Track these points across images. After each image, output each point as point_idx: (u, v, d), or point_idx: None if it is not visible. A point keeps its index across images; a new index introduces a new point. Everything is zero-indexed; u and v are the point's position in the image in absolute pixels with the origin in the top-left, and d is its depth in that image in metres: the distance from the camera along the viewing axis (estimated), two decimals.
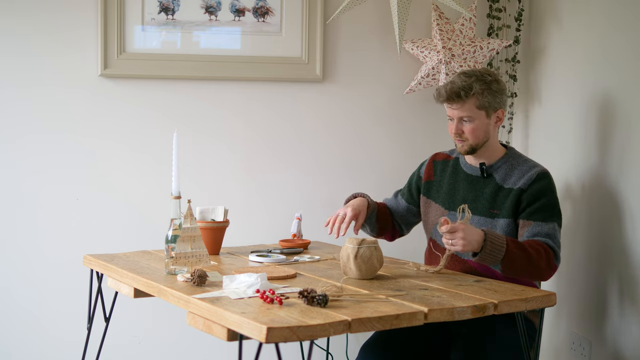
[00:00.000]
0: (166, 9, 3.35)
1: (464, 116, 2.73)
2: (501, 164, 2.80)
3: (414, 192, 3.01)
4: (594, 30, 3.19)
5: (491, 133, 2.78)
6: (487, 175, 2.80)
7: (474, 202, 2.79)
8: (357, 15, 3.58)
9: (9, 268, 3.27)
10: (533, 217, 2.67)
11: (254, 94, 3.50)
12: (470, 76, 2.73)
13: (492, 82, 2.74)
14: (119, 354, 3.38)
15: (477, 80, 2.72)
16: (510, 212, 2.71)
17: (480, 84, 2.72)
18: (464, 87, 2.70)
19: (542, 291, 2.41)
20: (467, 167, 2.86)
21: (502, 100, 2.77)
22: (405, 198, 3.03)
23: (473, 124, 2.73)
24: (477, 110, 2.73)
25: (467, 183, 2.84)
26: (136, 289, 2.52)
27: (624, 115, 3.01)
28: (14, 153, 3.25)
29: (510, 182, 2.75)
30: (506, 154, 2.82)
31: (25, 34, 3.22)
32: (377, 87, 3.64)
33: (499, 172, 2.79)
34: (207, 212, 2.92)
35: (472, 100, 2.72)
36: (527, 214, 2.68)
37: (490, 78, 2.74)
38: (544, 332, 3.40)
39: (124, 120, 3.36)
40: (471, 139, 2.75)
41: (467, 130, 2.74)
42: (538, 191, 2.70)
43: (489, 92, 2.73)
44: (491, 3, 3.64)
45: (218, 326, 2.07)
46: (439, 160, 2.97)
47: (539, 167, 2.76)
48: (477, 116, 2.73)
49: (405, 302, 2.17)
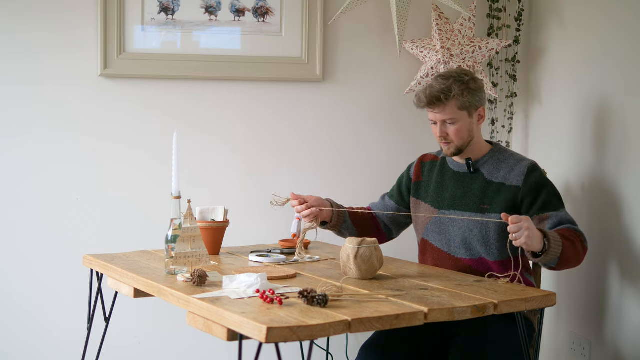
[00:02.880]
0: (166, 9, 3.35)
1: (447, 119, 2.74)
2: (488, 159, 2.81)
3: (404, 193, 3.00)
4: (594, 30, 3.19)
5: (475, 132, 2.78)
6: (474, 171, 2.80)
7: (462, 198, 2.79)
8: (357, 15, 3.58)
9: (8, 268, 3.27)
10: (547, 209, 2.68)
11: (254, 94, 3.50)
12: (447, 78, 2.73)
13: (470, 81, 2.74)
14: (119, 354, 3.38)
15: (455, 81, 2.72)
16: (503, 208, 2.71)
17: (459, 85, 2.72)
18: (443, 90, 2.71)
19: (542, 291, 2.41)
20: (453, 164, 2.87)
21: (481, 98, 2.78)
22: (394, 200, 3.02)
23: (456, 125, 2.74)
24: (459, 112, 2.73)
25: (454, 180, 2.84)
26: (136, 289, 2.52)
27: (623, 115, 3.01)
28: (14, 152, 3.25)
29: (499, 176, 2.75)
30: (492, 149, 2.83)
31: (25, 32, 3.22)
32: (377, 87, 3.64)
33: (486, 166, 2.79)
34: (207, 212, 2.92)
35: (452, 103, 2.72)
36: (539, 208, 2.68)
37: (467, 77, 2.74)
38: (544, 332, 3.40)
39: (124, 120, 3.36)
40: (456, 141, 2.75)
41: (452, 132, 2.74)
42: (536, 184, 2.70)
43: (468, 91, 2.73)
44: (491, 3, 3.64)
45: (218, 326, 2.07)
46: (426, 162, 2.97)
47: (526, 161, 2.77)
48: (460, 117, 2.74)
49: (405, 302, 2.17)
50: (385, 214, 3.00)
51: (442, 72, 2.82)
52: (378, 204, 3.06)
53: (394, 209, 3.01)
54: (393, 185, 3.07)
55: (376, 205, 3.06)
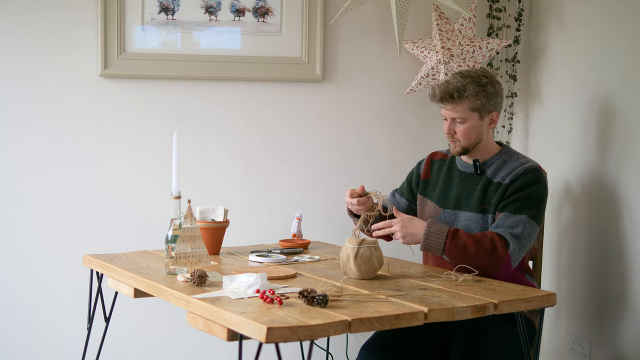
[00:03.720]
0: (166, 9, 3.35)
1: (457, 117, 2.72)
2: (494, 160, 2.80)
3: (414, 189, 3.00)
4: (594, 29, 3.19)
5: (484, 135, 2.76)
6: (480, 172, 2.80)
7: (467, 198, 2.79)
8: (357, 15, 3.58)
9: (8, 268, 3.27)
10: (506, 209, 2.66)
11: (254, 94, 3.50)
12: (465, 77, 2.71)
13: (488, 84, 2.72)
14: (119, 354, 3.38)
15: (472, 81, 2.70)
16: (497, 207, 2.71)
17: (475, 86, 2.70)
18: (457, 88, 2.69)
19: (542, 291, 2.41)
20: (461, 164, 2.86)
21: (496, 103, 2.76)
22: (405, 197, 3.02)
23: (465, 125, 2.73)
24: (470, 112, 2.72)
25: (460, 180, 2.83)
26: (136, 289, 2.52)
27: (624, 115, 3.01)
28: (14, 152, 3.25)
29: (499, 176, 2.74)
30: (500, 151, 2.82)
31: (25, 32, 3.22)
32: (378, 87, 3.64)
33: (491, 168, 2.78)
34: (207, 212, 2.92)
35: (465, 102, 2.70)
36: (502, 206, 2.68)
37: (486, 80, 2.72)
38: (544, 332, 3.40)
39: (124, 120, 3.36)
40: (463, 141, 2.74)
41: (460, 131, 2.73)
42: (520, 185, 2.68)
43: (484, 94, 2.71)
44: (491, 3, 3.64)
45: (218, 326, 2.07)
46: (436, 159, 2.97)
47: (529, 163, 2.74)
48: (470, 118, 2.72)
49: (405, 302, 2.17)
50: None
51: (462, 70, 2.79)
52: (388, 200, 3.05)
53: (405, 205, 3.01)
54: (402, 182, 3.07)
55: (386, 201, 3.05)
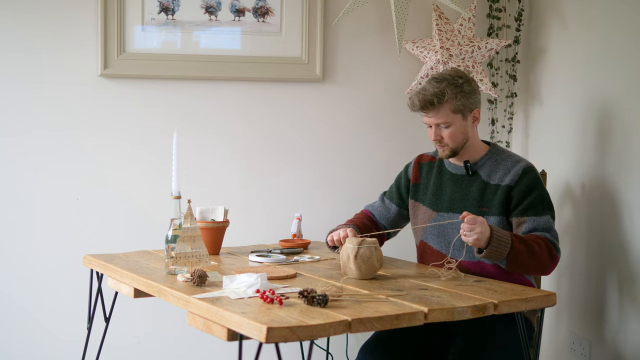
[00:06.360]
0: (166, 9, 3.35)
1: (441, 122, 2.73)
2: (485, 161, 2.80)
3: (403, 194, 2.99)
4: (595, 30, 3.19)
5: (470, 134, 2.77)
6: (472, 173, 2.80)
7: (461, 201, 2.78)
8: (357, 15, 3.58)
9: (8, 268, 3.27)
10: (527, 213, 2.67)
11: (254, 94, 3.50)
12: (441, 81, 2.71)
13: (464, 84, 2.72)
14: (119, 354, 3.38)
15: (449, 84, 2.70)
16: (500, 210, 2.71)
17: (452, 88, 2.70)
18: (436, 94, 2.69)
19: (542, 291, 2.41)
20: (451, 167, 2.86)
21: (476, 100, 2.77)
22: (395, 202, 3.00)
23: (451, 128, 2.73)
24: (452, 115, 2.72)
25: (452, 183, 2.83)
26: (136, 289, 2.52)
27: (624, 115, 3.01)
28: (14, 152, 3.25)
29: (496, 178, 2.75)
30: (490, 150, 2.82)
31: (25, 32, 3.22)
32: (377, 87, 3.64)
33: (484, 168, 2.78)
34: (207, 212, 2.93)
35: (446, 106, 2.70)
36: (520, 211, 2.68)
37: (461, 80, 2.72)
38: (544, 332, 3.40)
39: (124, 120, 3.36)
40: (451, 144, 2.75)
41: (446, 135, 2.74)
42: (526, 187, 2.69)
43: (462, 94, 2.71)
44: (491, 3, 3.64)
45: (218, 326, 2.07)
46: (424, 162, 2.96)
47: (523, 162, 2.75)
48: (454, 120, 2.73)
49: (405, 302, 2.17)
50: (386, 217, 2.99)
51: (435, 75, 2.78)
52: (378, 207, 3.03)
53: (395, 211, 2.99)
54: (391, 185, 3.06)
55: (375, 207, 3.04)
